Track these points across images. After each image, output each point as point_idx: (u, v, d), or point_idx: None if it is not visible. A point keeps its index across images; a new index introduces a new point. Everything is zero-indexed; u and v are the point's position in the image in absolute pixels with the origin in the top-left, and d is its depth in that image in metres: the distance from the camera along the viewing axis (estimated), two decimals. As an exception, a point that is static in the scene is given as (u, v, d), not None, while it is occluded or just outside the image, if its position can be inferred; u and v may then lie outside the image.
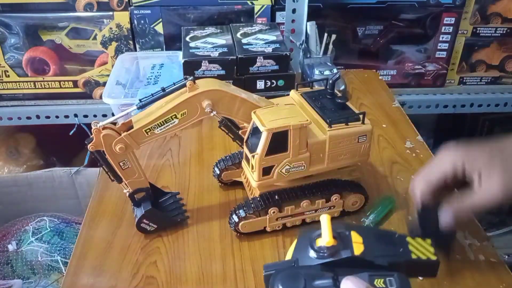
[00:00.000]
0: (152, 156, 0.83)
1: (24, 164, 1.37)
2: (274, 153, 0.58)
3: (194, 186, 0.76)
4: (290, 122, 0.57)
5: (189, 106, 0.59)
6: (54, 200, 1.28)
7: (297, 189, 0.64)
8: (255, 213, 0.63)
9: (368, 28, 1.19)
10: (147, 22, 1.12)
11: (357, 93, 1.03)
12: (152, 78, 1.00)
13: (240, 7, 1.12)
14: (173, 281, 0.60)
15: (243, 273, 0.61)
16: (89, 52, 1.16)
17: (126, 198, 0.65)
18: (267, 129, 0.56)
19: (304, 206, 0.64)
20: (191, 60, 0.93)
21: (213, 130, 0.90)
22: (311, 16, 1.10)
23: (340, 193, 0.65)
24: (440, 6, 1.16)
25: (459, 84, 1.28)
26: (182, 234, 0.67)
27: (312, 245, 0.40)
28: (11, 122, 1.20)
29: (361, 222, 0.67)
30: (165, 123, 0.59)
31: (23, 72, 1.16)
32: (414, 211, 0.60)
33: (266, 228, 0.65)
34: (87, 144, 0.58)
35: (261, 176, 0.59)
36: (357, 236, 0.41)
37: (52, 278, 1.08)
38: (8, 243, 1.12)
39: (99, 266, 0.62)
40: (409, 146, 0.86)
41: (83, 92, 1.20)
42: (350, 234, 0.41)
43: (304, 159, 0.60)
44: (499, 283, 0.59)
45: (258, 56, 0.93)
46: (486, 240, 0.66)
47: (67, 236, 1.14)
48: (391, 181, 0.77)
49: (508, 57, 1.24)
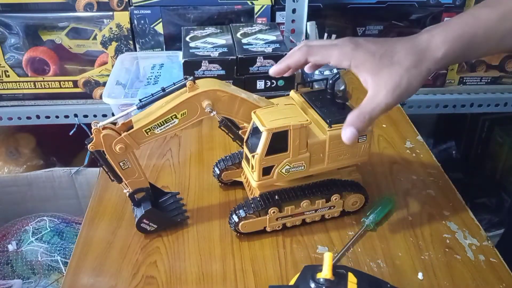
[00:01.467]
0: (152, 156, 0.83)
1: (24, 164, 1.37)
2: (274, 153, 0.58)
3: (194, 186, 0.76)
4: (290, 122, 0.57)
5: (189, 106, 0.59)
6: (54, 200, 1.28)
7: (297, 189, 0.64)
8: (255, 213, 0.63)
9: (368, 28, 1.19)
10: (147, 22, 1.12)
11: (357, 93, 1.03)
12: (152, 78, 1.00)
13: (240, 7, 1.12)
14: (173, 281, 0.60)
15: (243, 273, 0.61)
16: (89, 52, 1.16)
17: (126, 198, 0.65)
18: (267, 129, 0.56)
19: (304, 206, 0.64)
20: (191, 60, 0.93)
21: (213, 130, 0.90)
22: (311, 16, 1.11)
23: (340, 193, 0.65)
24: (440, 6, 1.16)
25: (459, 84, 1.28)
26: (182, 234, 0.67)
27: (313, 277, 0.45)
28: (11, 122, 1.20)
29: (361, 222, 0.67)
30: (165, 123, 0.59)
31: (23, 72, 1.16)
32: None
33: (266, 228, 0.65)
34: (87, 144, 0.58)
35: (261, 176, 0.59)
36: (353, 277, 0.46)
37: (52, 278, 1.08)
38: (8, 243, 1.12)
39: (99, 266, 0.62)
40: (409, 146, 0.86)
41: (83, 92, 1.20)
42: (347, 274, 0.46)
43: (304, 159, 0.60)
44: (499, 283, 0.59)
45: (258, 56, 0.93)
46: (486, 240, 0.66)
47: (67, 236, 1.15)
48: (391, 181, 0.77)
49: (508, 57, 1.24)
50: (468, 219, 0.69)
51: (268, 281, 0.59)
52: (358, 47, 0.56)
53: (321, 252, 0.63)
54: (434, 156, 0.83)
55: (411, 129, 0.91)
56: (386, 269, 0.61)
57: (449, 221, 0.69)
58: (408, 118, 0.95)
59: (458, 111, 1.28)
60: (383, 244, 0.65)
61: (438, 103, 1.26)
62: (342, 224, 0.68)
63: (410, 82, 0.54)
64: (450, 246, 0.64)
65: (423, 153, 0.84)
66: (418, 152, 0.84)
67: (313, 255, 0.63)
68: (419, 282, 0.59)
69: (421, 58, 0.55)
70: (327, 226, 0.67)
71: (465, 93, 1.27)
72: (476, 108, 1.27)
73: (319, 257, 0.63)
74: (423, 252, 0.63)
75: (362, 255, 0.63)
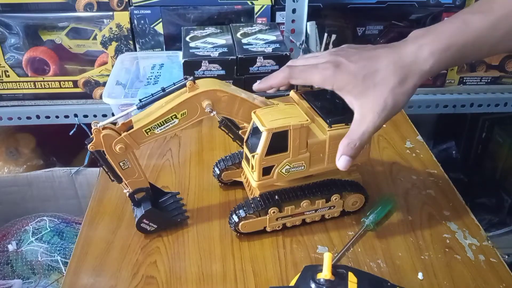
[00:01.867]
0: (152, 156, 0.83)
1: (24, 164, 1.37)
2: (274, 153, 0.58)
3: (194, 186, 0.76)
4: (290, 122, 0.57)
5: (189, 106, 0.59)
6: (54, 200, 1.28)
7: (297, 189, 0.64)
8: (255, 213, 0.63)
9: (368, 28, 1.19)
10: (147, 22, 1.12)
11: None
12: (152, 78, 1.00)
13: (240, 7, 1.12)
14: (173, 281, 0.60)
15: (243, 273, 0.61)
16: (89, 52, 1.16)
17: (126, 198, 0.65)
18: (267, 129, 0.56)
19: (304, 206, 0.64)
20: (191, 60, 0.93)
21: (213, 130, 0.90)
22: (311, 16, 1.11)
23: (340, 193, 0.65)
24: (440, 6, 1.16)
25: (459, 84, 1.28)
26: (182, 234, 0.67)
27: (314, 277, 0.45)
28: (11, 122, 1.20)
29: (361, 222, 0.67)
30: (165, 123, 0.59)
31: (23, 72, 1.16)
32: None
33: (266, 228, 0.65)
34: (87, 144, 0.58)
35: (261, 176, 0.59)
36: (353, 277, 0.46)
37: (52, 278, 1.08)
38: (8, 243, 1.12)
39: (99, 266, 0.62)
40: (409, 146, 0.86)
41: (83, 92, 1.20)
42: (348, 274, 0.46)
43: (304, 159, 0.60)
44: (499, 283, 0.59)
45: (258, 56, 0.93)
46: (486, 240, 0.66)
47: (67, 236, 1.15)
48: (391, 181, 0.77)
49: (508, 57, 1.24)
50: (468, 219, 0.69)
51: (268, 281, 0.59)
52: (339, 69, 0.55)
53: (321, 252, 0.63)
54: (434, 156, 0.83)
55: (411, 129, 0.91)
56: (386, 269, 0.61)
57: (449, 221, 0.69)
58: (408, 118, 0.95)
59: (458, 111, 1.27)
60: (383, 244, 0.65)
61: (438, 103, 1.26)
62: (342, 224, 0.68)
63: (396, 102, 0.54)
64: (450, 246, 0.64)
65: (423, 153, 0.84)
66: (418, 152, 0.84)
67: (313, 255, 0.63)
68: (419, 282, 0.59)
69: (407, 74, 0.53)
70: (327, 226, 0.67)
71: (465, 93, 1.27)
72: (476, 108, 1.27)
73: (319, 257, 0.63)
74: (423, 252, 0.63)
75: (362, 255, 0.63)
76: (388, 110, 0.53)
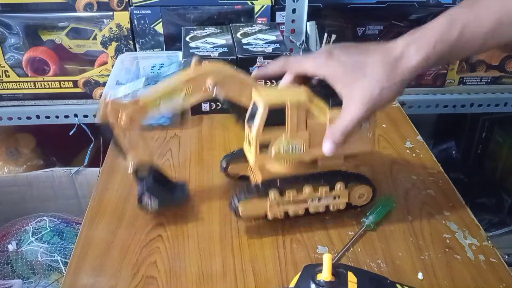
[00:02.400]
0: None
1: (24, 164, 1.37)
2: (272, 127, 0.58)
3: (194, 186, 0.76)
4: (288, 97, 0.57)
5: (194, 83, 0.61)
6: (54, 200, 1.28)
7: (300, 175, 0.63)
8: (256, 196, 0.62)
9: (368, 28, 1.19)
10: (147, 22, 1.12)
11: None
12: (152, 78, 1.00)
13: (240, 7, 1.12)
14: (173, 281, 0.60)
15: (243, 273, 0.61)
16: (89, 52, 1.16)
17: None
18: (264, 102, 0.57)
19: (306, 192, 0.63)
20: (191, 60, 0.93)
21: (213, 130, 0.90)
22: (311, 16, 1.11)
23: (344, 182, 0.64)
24: (440, 6, 1.16)
25: (459, 84, 1.28)
26: (182, 234, 0.67)
27: (313, 278, 0.46)
28: (11, 122, 1.20)
29: (361, 222, 0.67)
30: (170, 97, 0.61)
31: (23, 72, 1.16)
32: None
33: (267, 215, 0.64)
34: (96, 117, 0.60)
35: (258, 153, 0.59)
36: (353, 276, 0.46)
37: (52, 278, 1.08)
38: (8, 243, 1.12)
39: (99, 266, 0.62)
40: (409, 146, 0.86)
41: (83, 92, 1.20)
42: (347, 274, 0.46)
43: (304, 139, 0.59)
44: (499, 283, 0.59)
45: (258, 56, 0.93)
46: (486, 240, 0.66)
47: (67, 236, 1.15)
48: (391, 181, 0.77)
49: (508, 57, 1.25)
50: (468, 219, 0.69)
51: (268, 281, 0.59)
52: (331, 58, 0.57)
53: (321, 252, 0.63)
54: (434, 156, 0.83)
55: (411, 129, 0.91)
56: (386, 269, 0.61)
57: (449, 221, 0.69)
58: (408, 118, 0.95)
59: (458, 111, 1.28)
60: (383, 244, 0.65)
61: (438, 103, 1.26)
62: (342, 224, 0.68)
63: (382, 95, 0.55)
64: (450, 246, 0.64)
65: (423, 153, 0.84)
66: (418, 152, 0.84)
67: (313, 255, 0.63)
68: (419, 282, 0.59)
69: (394, 68, 0.55)
70: (327, 226, 0.67)
71: (465, 93, 1.27)
72: (476, 108, 1.27)
73: (319, 257, 0.63)
74: (423, 252, 0.63)
75: (362, 255, 0.63)
76: (373, 102, 0.55)
